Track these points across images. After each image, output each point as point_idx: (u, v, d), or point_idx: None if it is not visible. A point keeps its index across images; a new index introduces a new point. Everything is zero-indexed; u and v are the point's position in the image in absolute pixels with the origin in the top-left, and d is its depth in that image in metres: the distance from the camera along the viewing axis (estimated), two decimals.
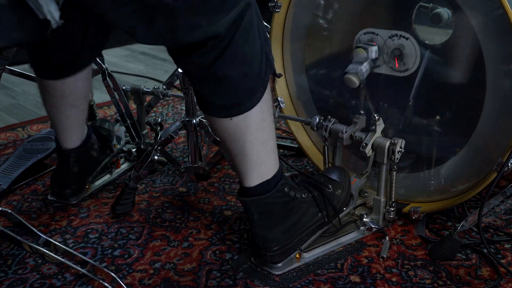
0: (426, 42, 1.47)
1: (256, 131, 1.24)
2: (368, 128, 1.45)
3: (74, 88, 1.46)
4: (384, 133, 1.47)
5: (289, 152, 1.91)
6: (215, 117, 1.23)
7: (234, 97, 1.20)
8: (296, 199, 1.32)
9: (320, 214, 1.36)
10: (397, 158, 1.41)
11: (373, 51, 1.46)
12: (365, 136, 1.44)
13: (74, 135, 1.54)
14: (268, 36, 1.39)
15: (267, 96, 1.24)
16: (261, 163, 1.27)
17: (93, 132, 1.66)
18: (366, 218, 1.45)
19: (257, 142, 1.25)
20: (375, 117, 1.44)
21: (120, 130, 1.86)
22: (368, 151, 1.43)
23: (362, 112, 1.48)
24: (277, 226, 1.30)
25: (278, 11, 1.63)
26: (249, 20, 1.14)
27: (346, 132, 1.46)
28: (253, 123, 1.22)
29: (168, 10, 1.05)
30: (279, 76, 1.28)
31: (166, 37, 1.13)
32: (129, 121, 1.77)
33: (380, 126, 1.45)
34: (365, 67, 1.43)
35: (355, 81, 1.41)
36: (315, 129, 1.53)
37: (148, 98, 1.89)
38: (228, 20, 1.10)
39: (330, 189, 1.39)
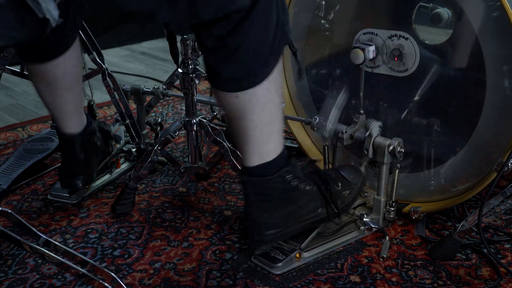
0: (426, 42, 1.47)
1: (261, 110, 1.20)
2: (351, 121, 1.48)
3: (65, 70, 1.44)
4: (384, 133, 1.47)
5: (289, 152, 1.91)
6: (222, 91, 1.20)
7: (245, 67, 1.17)
8: (297, 189, 1.29)
9: (319, 210, 1.33)
10: (401, 157, 1.41)
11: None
12: (346, 127, 1.47)
13: (74, 120, 1.52)
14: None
15: (277, 76, 1.21)
16: (262, 144, 1.24)
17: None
18: (366, 218, 1.45)
19: (261, 122, 1.22)
20: (360, 111, 1.47)
21: (119, 129, 1.86)
22: (346, 140, 1.46)
23: (362, 111, 1.48)
24: (271, 211, 1.27)
25: None
26: None
27: (346, 132, 1.46)
28: (258, 103, 1.19)
29: None
30: (295, 49, 1.26)
31: (190, 17, 1.11)
32: (129, 121, 1.77)
33: (362, 119, 1.47)
34: (372, 49, 1.44)
35: (362, 56, 1.42)
36: (315, 129, 1.53)
37: (148, 98, 1.90)
38: None
39: (338, 187, 1.36)
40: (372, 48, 1.46)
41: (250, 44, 1.15)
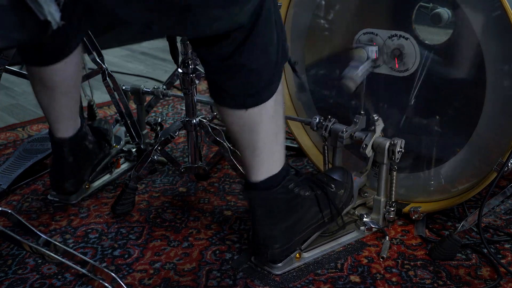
0: (426, 42, 1.47)
1: (269, 122, 1.22)
2: (368, 128, 1.45)
3: (64, 75, 1.44)
4: (384, 133, 1.47)
5: (289, 152, 1.91)
6: (229, 108, 1.20)
7: (252, 87, 1.18)
8: (299, 197, 1.31)
9: (323, 213, 1.35)
10: (398, 158, 1.41)
11: (373, 51, 1.46)
12: (365, 137, 1.44)
13: (67, 125, 1.52)
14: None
15: (280, 87, 1.22)
16: (270, 156, 1.25)
17: (91, 129, 1.65)
18: (366, 218, 1.45)
19: (269, 134, 1.23)
20: (374, 117, 1.44)
21: (120, 130, 1.86)
22: (368, 151, 1.43)
23: (362, 112, 1.48)
24: (279, 223, 1.28)
25: None
26: (268, 8, 1.13)
27: (346, 131, 1.46)
28: (267, 115, 1.21)
29: (184, 6, 1.03)
30: (295, 63, 1.26)
31: (185, 31, 1.12)
32: (129, 121, 1.77)
33: (379, 126, 1.45)
34: (361, 71, 1.42)
35: (351, 86, 1.41)
36: (315, 129, 1.53)
37: (148, 98, 1.90)
38: (249, 10, 1.09)
39: (332, 188, 1.38)
40: (375, 48, 1.44)
41: (254, 65, 1.16)
